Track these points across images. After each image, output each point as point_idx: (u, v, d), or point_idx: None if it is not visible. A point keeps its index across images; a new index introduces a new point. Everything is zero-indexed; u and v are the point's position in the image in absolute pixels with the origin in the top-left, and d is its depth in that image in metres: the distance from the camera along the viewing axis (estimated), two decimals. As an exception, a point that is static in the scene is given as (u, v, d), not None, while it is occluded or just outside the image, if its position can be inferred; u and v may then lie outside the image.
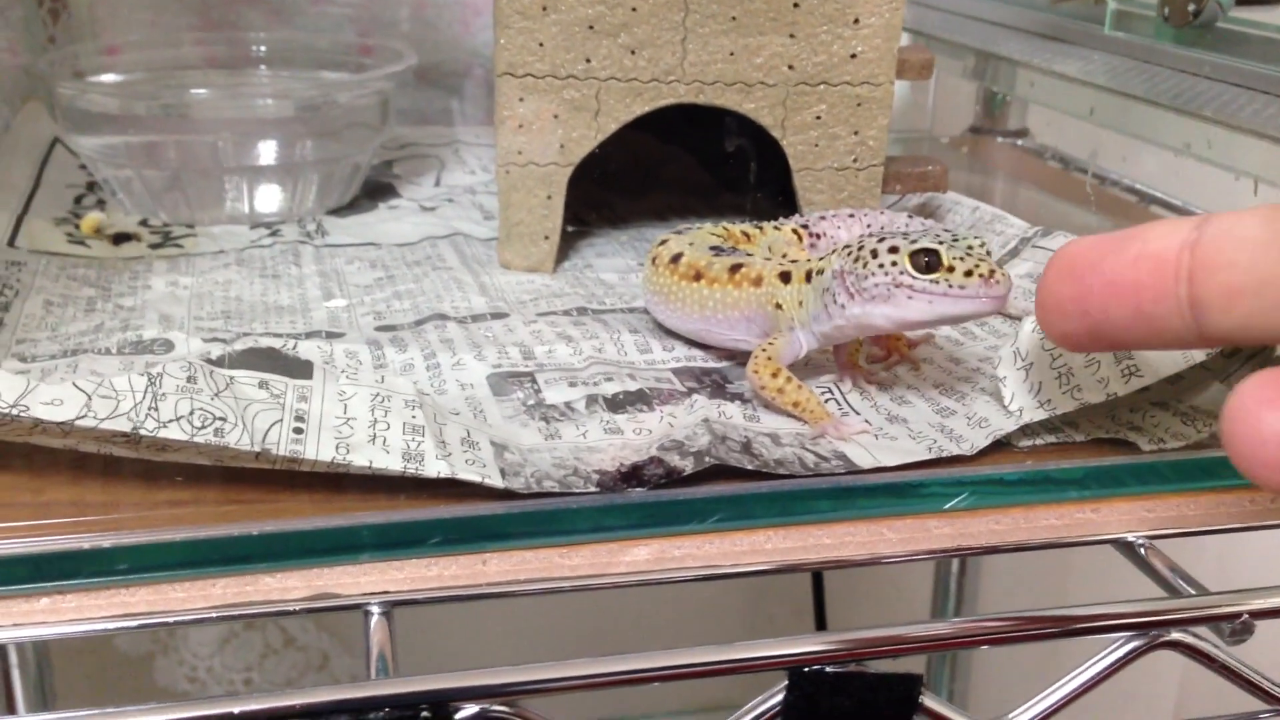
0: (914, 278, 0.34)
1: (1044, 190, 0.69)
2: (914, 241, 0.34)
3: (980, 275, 0.33)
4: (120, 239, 0.51)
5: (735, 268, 0.39)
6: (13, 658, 0.78)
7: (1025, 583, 0.90)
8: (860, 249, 0.35)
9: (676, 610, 0.93)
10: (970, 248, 0.34)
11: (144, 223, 0.53)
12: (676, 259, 0.40)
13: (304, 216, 0.55)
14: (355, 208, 0.57)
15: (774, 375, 0.36)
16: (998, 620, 0.31)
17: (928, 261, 0.33)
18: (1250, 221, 0.25)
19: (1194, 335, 0.26)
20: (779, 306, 0.38)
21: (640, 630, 0.92)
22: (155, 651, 0.92)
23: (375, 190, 0.60)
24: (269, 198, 0.55)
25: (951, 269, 0.33)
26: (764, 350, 0.37)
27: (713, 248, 0.40)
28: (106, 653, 0.90)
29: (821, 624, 0.81)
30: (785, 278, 0.38)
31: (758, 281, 0.38)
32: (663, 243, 0.42)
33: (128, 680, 0.92)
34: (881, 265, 0.34)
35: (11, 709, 0.77)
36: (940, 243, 0.34)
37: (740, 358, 0.40)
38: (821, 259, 0.37)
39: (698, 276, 0.39)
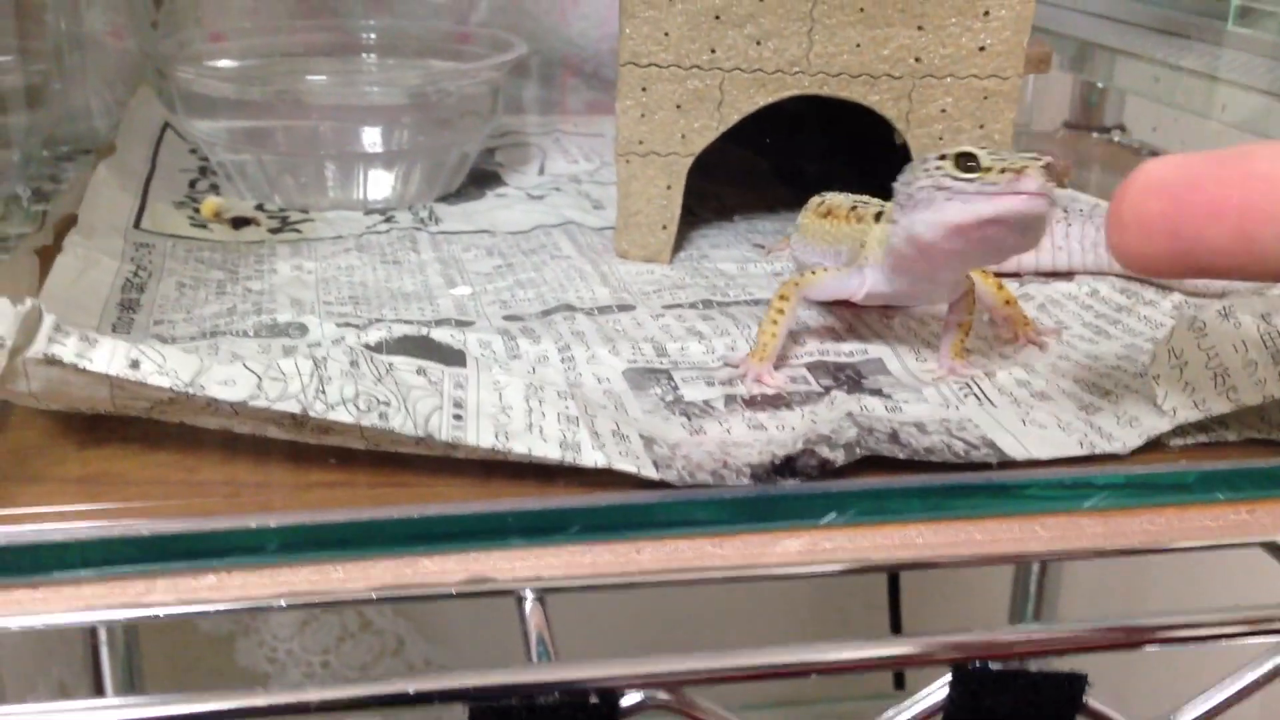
0: (953, 179, 0.34)
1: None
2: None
3: (1012, 170, 0.33)
4: (239, 223, 0.52)
5: (854, 208, 0.41)
6: (102, 634, 0.80)
7: (1107, 586, 0.89)
8: (916, 161, 0.36)
9: (736, 604, 0.92)
10: (1022, 156, 0.34)
11: (260, 207, 0.54)
12: (823, 203, 0.43)
13: (414, 204, 0.56)
14: (463, 195, 0.57)
15: (783, 297, 0.38)
16: (1152, 624, 0.30)
17: (969, 165, 0.34)
18: None
19: None
20: (863, 245, 0.39)
21: (696, 623, 0.90)
22: (236, 633, 0.93)
23: (481, 178, 0.60)
24: (380, 184, 0.55)
25: (989, 169, 0.33)
26: (805, 274, 0.39)
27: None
28: (190, 633, 0.91)
29: (896, 623, 0.80)
30: (878, 217, 0.39)
31: (861, 219, 0.40)
32: (822, 195, 0.44)
33: (209, 659, 0.93)
34: (927, 170, 0.35)
35: (99, 684, 0.79)
36: (988, 151, 0.34)
37: (868, 338, 0.40)
38: None
39: (828, 214, 0.42)
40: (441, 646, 0.95)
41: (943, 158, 0.34)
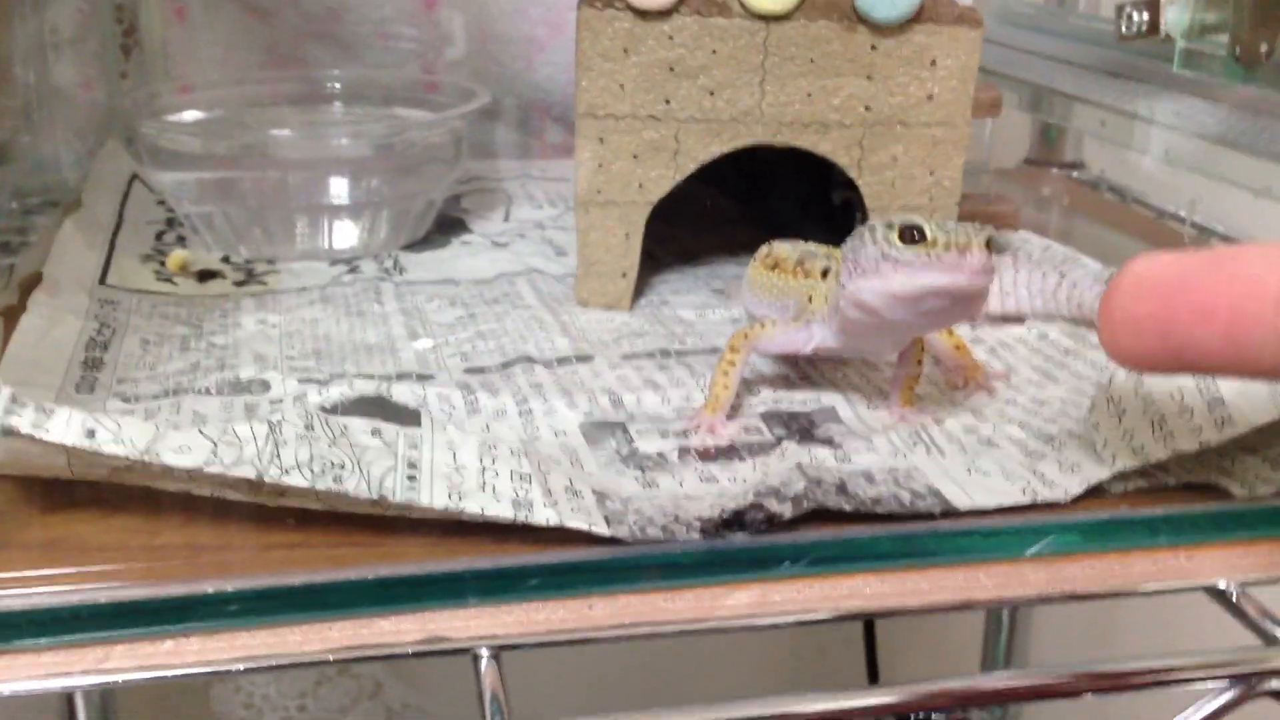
0: (899, 250, 0.35)
1: (1105, 224, 0.69)
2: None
3: (956, 247, 0.34)
4: (205, 276, 0.52)
5: (801, 261, 0.42)
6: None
7: (1077, 630, 0.90)
8: (864, 228, 0.37)
9: (705, 646, 0.92)
10: (967, 231, 0.35)
11: (226, 259, 0.54)
12: (769, 255, 0.44)
13: (380, 252, 0.56)
14: (429, 243, 0.58)
15: (733, 349, 0.39)
16: (1095, 672, 0.31)
17: (914, 236, 0.35)
18: None
19: None
20: (810, 300, 0.40)
21: (667, 671, 0.90)
22: (212, 679, 0.93)
23: (446, 225, 0.61)
24: (346, 234, 0.56)
25: (933, 242, 0.34)
26: (754, 327, 0.40)
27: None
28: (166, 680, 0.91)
29: (873, 670, 0.81)
30: (825, 274, 0.40)
31: (809, 275, 0.41)
32: (769, 245, 0.45)
33: (186, 706, 0.93)
34: (875, 240, 0.36)
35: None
36: (934, 224, 0.35)
37: (822, 385, 0.41)
38: None
39: (775, 266, 0.43)
40: (419, 689, 0.95)
41: (890, 227, 0.35)
